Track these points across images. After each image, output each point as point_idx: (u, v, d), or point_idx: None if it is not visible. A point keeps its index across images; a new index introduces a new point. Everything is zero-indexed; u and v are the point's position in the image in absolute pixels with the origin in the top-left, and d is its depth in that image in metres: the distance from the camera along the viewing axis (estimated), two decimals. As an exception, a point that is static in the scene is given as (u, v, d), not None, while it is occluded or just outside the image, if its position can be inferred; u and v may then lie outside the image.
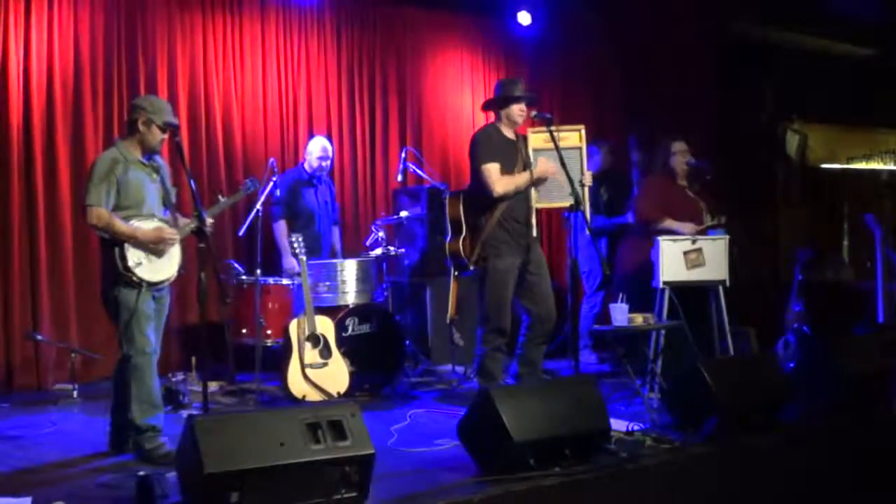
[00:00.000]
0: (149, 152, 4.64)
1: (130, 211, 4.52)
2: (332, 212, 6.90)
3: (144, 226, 4.52)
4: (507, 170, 5.48)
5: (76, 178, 6.46)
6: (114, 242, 4.46)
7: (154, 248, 4.51)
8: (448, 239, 5.71)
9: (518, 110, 5.56)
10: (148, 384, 4.50)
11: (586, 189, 5.52)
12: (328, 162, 6.79)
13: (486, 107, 5.84)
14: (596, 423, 4.30)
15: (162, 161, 4.82)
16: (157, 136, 4.60)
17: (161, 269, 4.56)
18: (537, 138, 5.57)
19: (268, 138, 7.40)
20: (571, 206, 5.21)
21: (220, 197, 5.17)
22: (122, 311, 4.48)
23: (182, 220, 4.70)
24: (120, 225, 4.44)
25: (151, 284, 4.52)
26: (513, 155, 5.55)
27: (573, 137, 5.64)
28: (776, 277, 9.18)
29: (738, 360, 5.65)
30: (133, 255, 4.46)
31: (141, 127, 4.56)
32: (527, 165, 5.55)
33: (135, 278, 4.45)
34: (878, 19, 9.44)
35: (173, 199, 4.74)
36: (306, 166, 6.76)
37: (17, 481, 4.09)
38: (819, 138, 10.48)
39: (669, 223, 6.09)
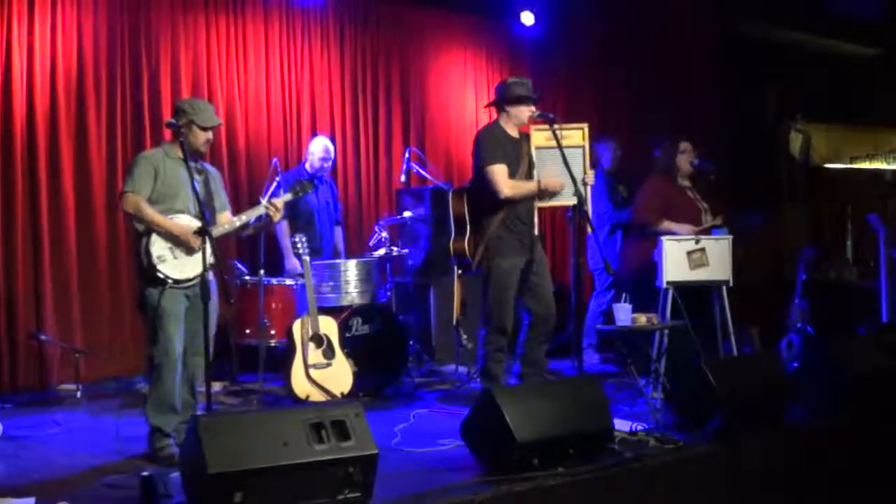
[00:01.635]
0: (194, 153, 4.64)
1: (162, 205, 4.55)
2: (333, 211, 6.90)
3: (179, 220, 4.55)
4: (511, 169, 5.46)
5: (79, 178, 6.47)
6: (141, 234, 4.48)
7: (181, 242, 4.51)
8: (452, 237, 5.70)
9: (527, 111, 5.52)
10: (166, 386, 4.48)
11: (588, 188, 5.51)
12: (330, 162, 6.78)
13: (493, 104, 5.73)
14: (599, 424, 4.30)
15: (211, 167, 4.89)
16: (200, 138, 4.63)
17: (187, 266, 4.53)
18: (540, 136, 5.56)
19: (271, 139, 7.40)
20: (574, 205, 5.22)
21: (261, 200, 5.09)
22: (147, 309, 4.51)
23: (225, 217, 4.79)
24: (151, 212, 4.47)
25: (177, 282, 4.50)
26: (517, 154, 5.53)
27: (576, 136, 5.62)
28: (780, 277, 9.17)
29: (741, 360, 5.66)
30: (157, 249, 4.46)
31: (183, 129, 4.59)
32: (531, 165, 5.54)
33: (159, 275, 4.45)
34: (881, 18, 9.44)
35: (223, 202, 4.83)
36: (307, 166, 6.76)
37: (21, 482, 4.09)
38: (822, 138, 10.47)
39: (667, 225, 6.08)
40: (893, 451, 5.08)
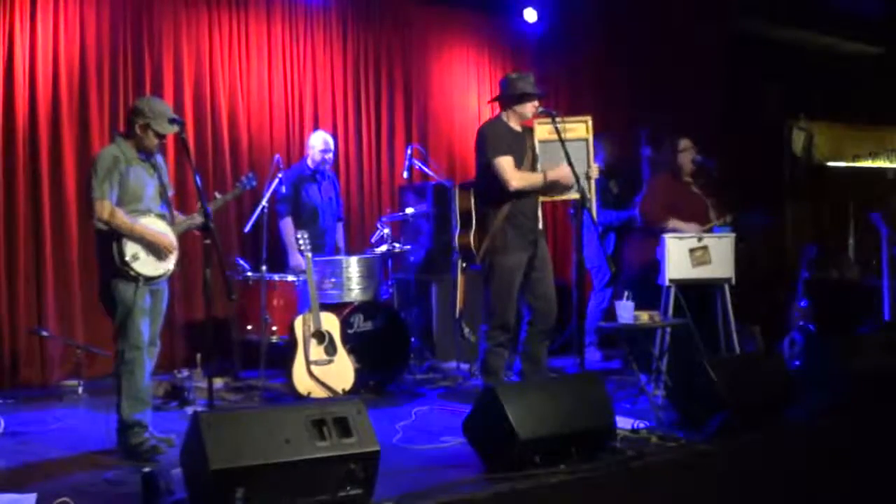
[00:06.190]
0: (146, 153, 4.65)
1: (129, 206, 4.53)
2: (336, 207, 6.90)
3: (151, 226, 4.54)
4: (516, 163, 5.42)
5: (81, 175, 6.44)
6: (111, 235, 4.47)
7: (154, 248, 4.53)
8: (458, 232, 5.67)
9: (532, 107, 5.48)
10: (138, 379, 4.50)
11: (592, 182, 5.48)
12: (330, 155, 6.78)
13: (497, 100, 5.66)
14: (601, 421, 4.30)
15: (159, 158, 4.85)
16: (153, 142, 4.62)
17: (158, 263, 4.57)
18: (543, 130, 5.52)
19: (273, 135, 7.40)
20: (577, 200, 5.19)
21: (216, 194, 5.17)
22: (119, 305, 4.50)
23: (178, 217, 4.77)
24: (125, 221, 4.47)
25: (149, 279, 4.52)
26: (521, 148, 5.50)
27: (580, 129, 5.58)
28: (782, 275, 9.17)
29: (743, 358, 5.65)
30: (130, 249, 4.47)
31: (138, 131, 4.58)
32: (535, 158, 5.52)
33: (132, 272, 4.46)
34: (883, 17, 9.43)
35: (170, 195, 4.78)
36: (309, 161, 6.76)
37: (22, 477, 4.10)
38: (825, 136, 10.46)
39: (675, 224, 6.08)
40: (894, 450, 5.08)
